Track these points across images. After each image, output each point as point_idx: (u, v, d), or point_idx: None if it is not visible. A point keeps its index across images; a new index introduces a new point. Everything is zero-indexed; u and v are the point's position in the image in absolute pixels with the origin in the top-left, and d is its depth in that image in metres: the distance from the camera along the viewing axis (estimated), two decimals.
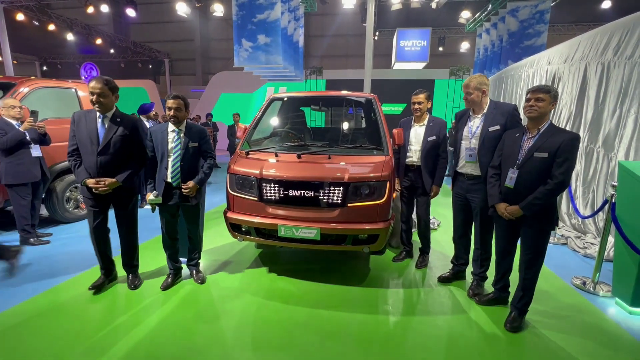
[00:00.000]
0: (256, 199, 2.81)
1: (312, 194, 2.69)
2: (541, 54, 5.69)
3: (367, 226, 2.67)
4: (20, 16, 13.00)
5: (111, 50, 18.50)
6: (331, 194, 2.68)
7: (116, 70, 19.37)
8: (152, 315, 2.45)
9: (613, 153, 3.76)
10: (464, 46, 15.80)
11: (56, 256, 3.42)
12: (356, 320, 2.45)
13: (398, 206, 3.45)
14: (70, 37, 15.33)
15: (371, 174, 2.72)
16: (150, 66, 20.32)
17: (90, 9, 12.49)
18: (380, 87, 11.29)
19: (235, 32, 8.78)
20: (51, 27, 14.33)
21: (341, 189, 2.66)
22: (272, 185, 2.75)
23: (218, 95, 15.21)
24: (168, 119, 2.63)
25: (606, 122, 3.89)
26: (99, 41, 16.47)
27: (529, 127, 2.24)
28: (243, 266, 3.28)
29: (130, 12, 11.74)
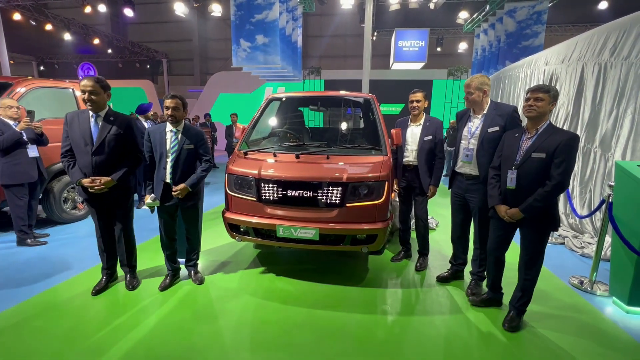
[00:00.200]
0: (254, 199, 2.81)
1: (311, 194, 2.69)
2: (539, 55, 5.71)
3: (365, 226, 2.68)
4: (17, 16, 12.95)
5: (109, 50, 18.44)
6: (330, 194, 2.68)
7: (114, 71, 19.31)
8: (150, 316, 2.44)
9: (610, 153, 3.78)
10: (462, 46, 15.86)
11: (53, 257, 3.41)
12: (355, 320, 2.45)
13: (395, 206, 3.45)
14: (67, 37, 15.28)
15: (370, 174, 2.72)
16: (148, 66, 20.27)
17: (88, 9, 12.44)
18: (378, 87, 11.32)
19: (233, 32, 8.77)
20: (48, 26, 14.26)
21: (340, 189, 2.67)
22: (271, 185, 2.75)
23: (216, 96, 15.19)
24: (166, 119, 2.63)
25: (603, 122, 3.91)
26: (96, 41, 16.42)
27: (527, 127, 2.23)
28: (241, 266, 3.28)
29: (128, 12, 11.71)
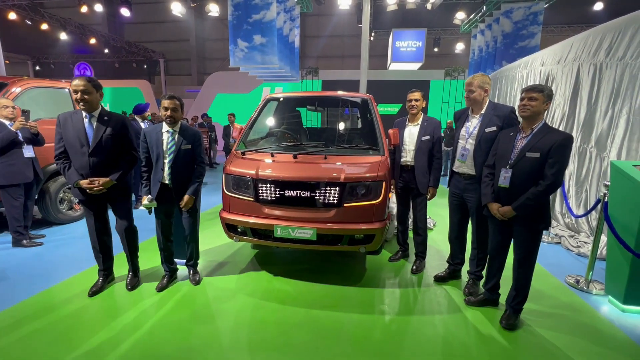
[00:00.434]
0: (252, 199, 2.80)
1: (308, 194, 2.69)
2: (535, 55, 5.75)
3: (363, 226, 2.68)
4: (12, 15, 12.85)
5: (105, 50, 18.36)
6: (327, 194, 2.68)
7: (110, 70, 19.23)
8: (148, 317, 2.43)
9: (605, 153, 3.81)
10: (459, 47, 15.90)
11: (49, 258, 3.39)
12: (352, 320, 2.45)
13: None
14: (63, 36, 15.16)
15: (367, 174, 2.72)
16: (145, 66, 20.19)
17: (84, 9, 12.37)
18: (376, 87, 11.33)
19: (230, 32, 8.75)
20: (44, 26, 14.16)
21: (337, 189, 2.67)
22: (268, 185, 2.74)
23: (214, 96, 15.15)
24: (163, 119, 2.62)
25: (599, 122, 3.94)
26: (92, 41, 16.32)
27: (522, 127, 2.25)
28: (239, 267, 3.27)
29: (125, 12, 11.67)
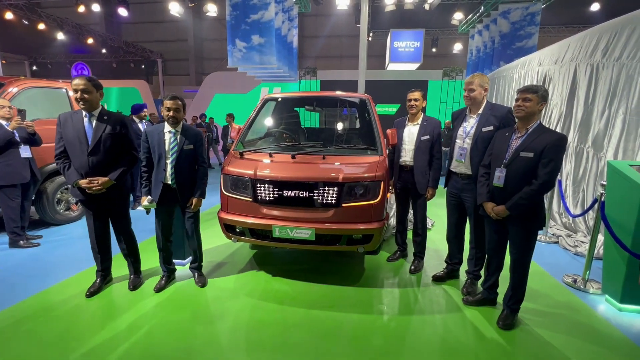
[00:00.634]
0: (250, 199, 2.80)
1: (307, 194, 2.69)
2: (532, 55, 5.77)
3: (361, 226, 2.68)
4: (9, 15, 12.78)
5: (103, 50, 18.25)
6: (325, 194, 2.68)
7: (108, 71, 19.15)
8: (146, 317, 2.43)
9: (602, 153, 3.83)
10: (457, 47, 15.94)
11: (46, 259, 3.37)
12: (351, 320, 2.46)
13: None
14: (60, 36, 15.10)
15: (365, 174, 2.73)
16: (143, 66, 20.10)
17: (81, 8, 12.32)
18: (374, 87, 11.33)
19: (228, 33, 8.75)
20: (41, 26, 14.09)
21: (335, 189, 2.67)
22: (267, 185, 2.74)
23: (212, 96, 15.12)
24: (166, 119, 2.62)
25: (595, 122, 3.96)
26: (90, 41, 16.26)
27: (518, 127, 2.28)
28: (237, 267, 3.27)
29: (122, 12, 11.62)
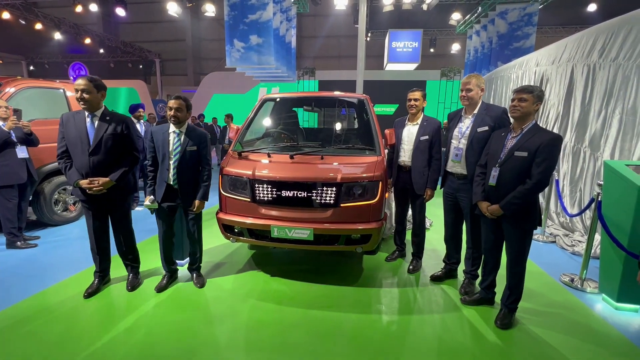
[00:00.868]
0: (249, 199, 2.80)
1: (305, 194, 2.69)
2: (530, 56, 5.79)
3: (360, 226, 2.69)
4: (5, 15, 12.70)
5: (100, 50, 18.20)
6: (324, 194, 2.69)
7: (106, 71, 19.05)
8: (144, 318, 2.42)
9: (599, 153, 3.85)
10: (455, 47, 15.98)
11: (44, 259, 3.36)
12: (350, 320, 2.46)
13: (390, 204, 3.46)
14: (58, 36, 15.01)
15: (364, 174, 2.73)
16: (141, 66, 20.02)
17: (79, 8, 12.25)
18: (372, 87, 11.34)
19: (227, 33, 8.73)
20: (38, 26, 14.00)
21: (334, 189, 2.67)
22: (265, 185, 2.74)
23: (210, 96, 15.11)
24: (168, 119, 2.62)
25: (592, 122, 3.98)
26: (87, 41, 16.17)
27: (513, 127, 2.30)
28: (236, 267, 3.27)
29: (120, 12, 11.59)
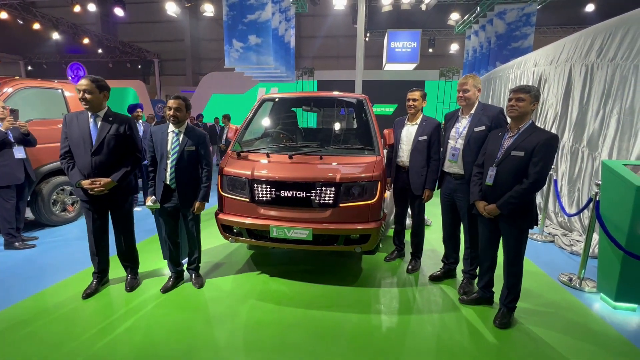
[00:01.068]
0: (248, 200, 2.80)
1: (304, 194, 2.69)
2: (528, 56, 5.81)
3: (358, 226, 2.69)
4: (3, 15, 12.66)
5: (99, 50, 18.18)
6: (323, 194, 2.69)
7: (104, 71, 19.00)
8: (144, 318, 2.42)
9: (597, 152, 3.86)
10: (454, 47, 16.02)
11: (42, 260, 3.35)
12: (349, 320, 2.46)
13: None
14: (56, 36, 14.98)
15: (363, 174, 2.73)
16: (140, 66, 20.00)
17: (77, 8, 12.23)
18: (371, 88, 11.36)
19: (225, 33, 8.72)
20: (36, 26, 13.97)
21: (333, 189, 2.67)
22: (264, 186, 2.74)
23: (209, 96, 15.10)
24: (168, 119, 2.61)
25: (590, 122, 3.99)
26: (86, 41, 16.14)
27: (510, 127, 2.31)
28: (235, 267, 3.27)
29: (119, 12, 11.56)
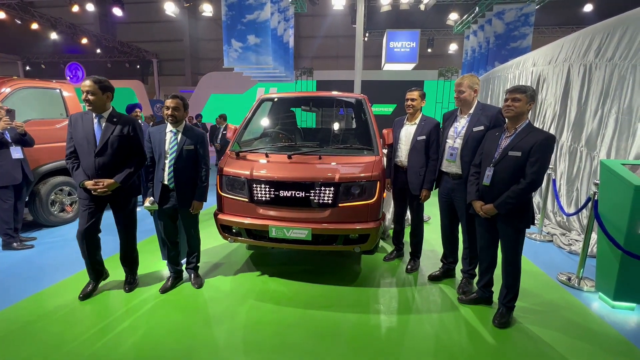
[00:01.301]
0: (247, 200, 2.80)
1: (303, 194, 2.69)
2: (526, 56, 5.82)
3: (358, 226, 2.69)
4: (1, 14, 12.62)
5: (97, 50, 18.13)
6: (322, 194, 2.69)
7: (103, 71, 18.97)
8: (143, 319, 2.42)
9: (595, 152, 3.87)
10: (452, 47, 16.03)
11: (41, 261, 3.34)
12: (348, 320, 2.46)
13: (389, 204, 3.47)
14: (54, 36, 14.94)
15: (362, 174, 2.73)
16: (138, 66, 19.97)
17: (75, 8, 12.20)
18: (370, 87, 11.35)
19: (224, 33, 8.70)
20: (34, 26, 13.94)
21: (332, 189, 2.67)
22: (263, 186, 2.74)
23: (208, 96, 15.08)
24: (166, 119, 2.61)
25: (589, 122, 4.00)
26: (84, 41, 16.09)
27: (507, 127, 2.31)
28: (234, 268, 3.26)
29: (117, 12, 11.53)
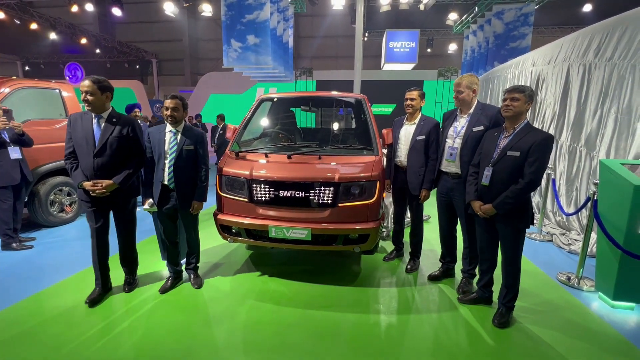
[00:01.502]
0: (246, 200, 2.80)
1: (303, 194, 2.69)
2: (526, 56, 5.82)
3: (357, 226, 2.69)
4: (0, 15, 12.61)
5: (97, 50, 18.11)
6: (322, 194, 2.68)
7: (102, 71, 18.95)
8: (142, 319, 2.41)
9: (595, 152, 3.87)
10: (452, 47, 16.04)
11: (40, 261, 3.34)
12: (348, 320, 2.46)
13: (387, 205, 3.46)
14: (53, 36, 14.94)
15: (361, 174, 2.73)
16: (138, 66, 19.96)
17: (75, 8, 12.19)
18: (369, 87, 11.35)
19: (224, 33, 8.70)
20: (33, 26, 13.92)
21: (331, 189, 2.67)
22: (263, 186, 2.74)
23: (207, 96, 15.06)
24: (165, 119, 2.60)
25: (588, 121, 4.01)
26: (83, 41, 16.07)
27: (506, 127, 2.31)
28: (234, 268, 3.26)
29: (116, 12, 11.52)
